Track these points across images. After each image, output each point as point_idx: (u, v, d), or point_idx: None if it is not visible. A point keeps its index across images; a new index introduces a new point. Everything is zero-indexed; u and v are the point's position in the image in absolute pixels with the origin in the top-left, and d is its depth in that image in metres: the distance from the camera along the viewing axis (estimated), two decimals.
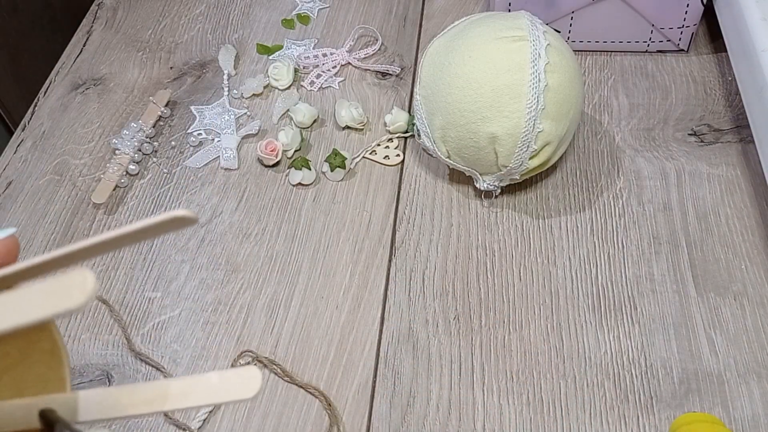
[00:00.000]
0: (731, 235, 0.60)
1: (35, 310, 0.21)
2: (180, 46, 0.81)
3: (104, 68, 0.79)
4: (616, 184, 0.64)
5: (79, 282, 0.21)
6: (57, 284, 0.21)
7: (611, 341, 0.55)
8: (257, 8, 0.84)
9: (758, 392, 0.52)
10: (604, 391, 0.53)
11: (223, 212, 0.66)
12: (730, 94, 0.70)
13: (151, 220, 0.23)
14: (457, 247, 0.61)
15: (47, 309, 0.21)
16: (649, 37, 0.73)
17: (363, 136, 0.70)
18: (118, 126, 0.73)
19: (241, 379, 0.26)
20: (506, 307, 0.58)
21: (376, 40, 0.79)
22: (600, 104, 0.71)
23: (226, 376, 0.26)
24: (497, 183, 0.61)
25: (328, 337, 0.57)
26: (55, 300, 0.21)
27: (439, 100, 0.59)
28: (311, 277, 0.60)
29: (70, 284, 0.21)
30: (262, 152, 0.67)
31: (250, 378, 0.26)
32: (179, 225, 0.23)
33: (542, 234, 0.62)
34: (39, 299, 0.21)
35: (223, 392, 0.26)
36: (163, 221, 0.23)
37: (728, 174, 0.64)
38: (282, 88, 0.75)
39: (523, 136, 0.56)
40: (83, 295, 0.20)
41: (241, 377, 0.26)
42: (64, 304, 0.21)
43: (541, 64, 0.56)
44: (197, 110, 0.74)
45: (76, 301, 0.20)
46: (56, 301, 0.21)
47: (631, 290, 0.58)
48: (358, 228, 0.63)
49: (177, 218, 0.23)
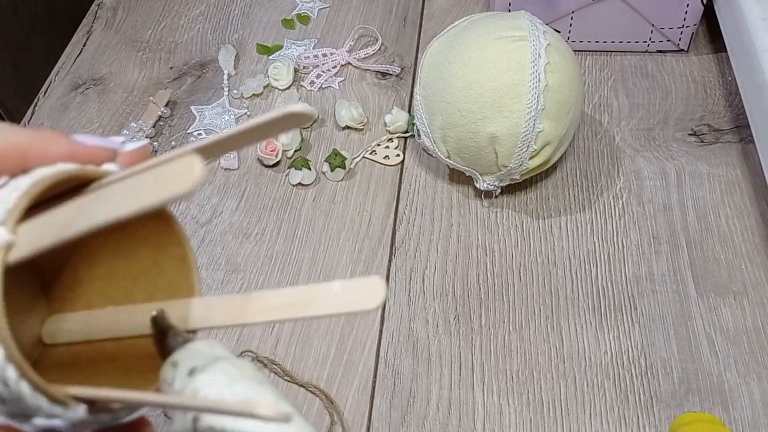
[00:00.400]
0: (731, 235, 0.60)
1: (146, 197, 0.21)
2: (180, 46, 0.81)
3: (104, 68, 0.79)
4: (616, 184, 0.64)
5: (186, 167, 0.21)
6: (166, 171, 0.21)
7: (611, 341, 0.55)
8: (257, 8, 0.84)
9: (758, 392, 0.52)
10: (604, 391, 0.53)
11: (223, 212, 0.66)
12: (730, 94, 0.70)
13: (266, 117, 0.23)
14: (457, 247, 0.61)
15: (157, 195, 0.21)
16: (649, 37, 0.73)
17: (363, 136, 0.70)
18: (118, 126, 0.73)
19: (364, 290, 0.25)
20: (506, 307, 0.58)
21: (376, 40, 0.79)
22: (600, 104, 0.71)
23: (350, 285, 0.25)
24: (497, 183, 0.61)
25: (328, 337, 0.57)
26: (165, 186, 0.21)
27: (439, 100, 0.59)
28: (311, 277, 0.60)
29: (179, 170, 0.21)
30: (262, 152, 0.67)
31: (374, 288, 0.25)
32: (295, 122, 0.23)
33: (542, 234, 0.62)
34: (149, 186, 0.21)
35: (346, 301, 0.25)
36: (279, 117, 0.23)
37: (728, 174, 0.64)
38: (282, 88, 0.75)
39: (523, 136, 0.56)
40: (191, 179, 0.20)
41: (365, 287, 0.25)
42: (173, 189, 0.20)
43: (541, 64, 0.56)
44: (197, 110, 0.74)
45: (185, 185, 0.20)
46: (166, 187, 0.21)
47: (631, 290, 0.58)
48: (358, 228, 0.63)
49: (293, 114, 0.22)
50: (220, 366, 0.25)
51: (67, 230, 0.22)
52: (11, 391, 0.24)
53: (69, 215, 0.23)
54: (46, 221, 0.24)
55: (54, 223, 0.23)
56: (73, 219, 0.23)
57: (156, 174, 0.22)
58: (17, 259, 0.23)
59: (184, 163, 0.21)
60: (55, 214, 0.24)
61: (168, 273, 0.29)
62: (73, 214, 0.23)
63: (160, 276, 0.30)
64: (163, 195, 0.21)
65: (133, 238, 0.30)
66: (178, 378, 0.25)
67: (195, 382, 0.24)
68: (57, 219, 0.23)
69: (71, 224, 0.22)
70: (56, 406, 0.24)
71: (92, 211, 0.22)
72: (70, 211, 0.23)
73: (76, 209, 0.23)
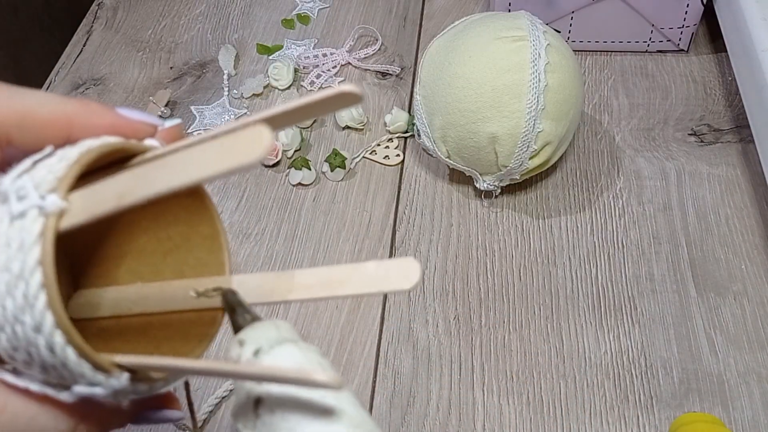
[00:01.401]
0: (731, 235, 0.60)
1: (213, 165, 0.21)
2: (180, 46, 0.81)
3: (104, 68, 0.79)
4: (616, 184, 0.64)
5: (256, 136, 0.20)
6: (234, 139, 0.21)
7: (611, 341, 0.55)
8: (257, 8, 0.84)
9: (758, 392, 0.52)
10: (604, 391, 0.53)
11: (223, 212, 0.66)
12: (730, 94, 0.70)
13: (321, 94, 0.23)
14: (457, 247, 0.61)
15: (225, 163, 0.21)
16: (649, 37, 0.73)
17: (363, 136, 0.70)
18: None
19: (399, 270, 0.25)
20: (506, 307, 0.58)
21: (376, 40, 0.79)
22: (600, 104, 0.71)
23: (384, 265, 0.26)
24: (497, 183, 0.61)
25: (328, 337, 0.57)
26: (233, 155, 0.21)
27: (439, 100, 0.59)
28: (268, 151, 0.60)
29: (247, 139, 0.21)
30: None
31: (409, 268, 0.25)
32: (347, 101, 0.23)
33: (542, 234, 0.62)
34: (215, 155, 0.21)
35: (380, 281, 0.25)
36: (333, 96, 0.23)
37: (728, 174, 0.64)
38: (282, 88, 0.75)
39: (523, 136, 0.56)
40: (259, 148, 0.20)
41: (399, 267, 0.25)
42: (241, 158, 0.20)
43: (541, 64, 0.56)
44: (197, 110, 0.74)
45: (253, 155, 0.20)
46: (234, 155, 0.21)
47: (631, 290, 0.58)
48: (358, 228, 0.63)
49: (344, 93, 0.23)
50: (285, 349, 0.25)
51: (126, 197, 0.22)
52: (56, 358, 0.24)
53: (127, 183, 0.23)
54: (99, 189, 0.23)
55: (110, 191, 0.23)
56: (133, 186, 0.23)
57: (223, 143, 0.21)
58: (70, 225, 0.23)
59: (253, 132, 0.21)
60: (109, 182, 0.23)
61: (198, 250, 0.29)
62: (131, 181, 0.23)
63: (189, 253, 0.30)
64: (231, 163, 0.20)
65: (166, 215, 0.30)
66: (244, 357, 0.25)
67: (259, 363, 0.24)
68: (113, 187, 0.23)
69: (131, 191, 0.22)
70: (99, 373, 0.24)
71: (154, 179, 0.22)
72: (128, 179, 0.23)
73: (133, 177, 0.23)
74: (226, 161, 0.21)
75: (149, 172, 0.23)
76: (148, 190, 0.22)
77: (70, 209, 0.23)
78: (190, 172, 0.21)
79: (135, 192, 0.22)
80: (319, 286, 0.26)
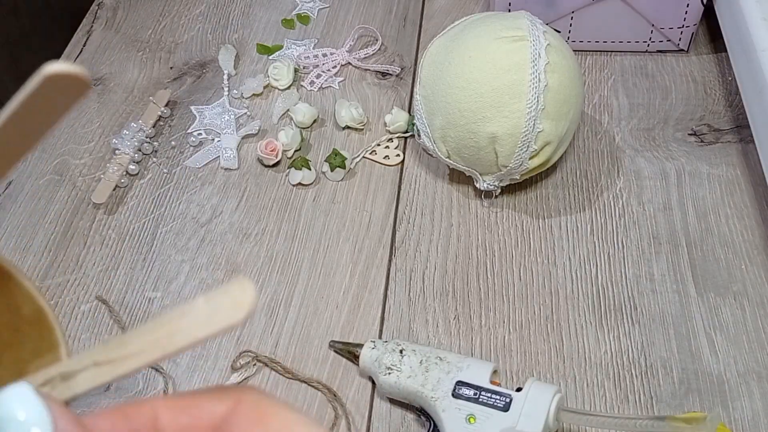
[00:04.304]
0: (731, 235, 0.60)
1: (199, 331, 0.21)
2: (180, 46, 0.81)
3: (104, 68, 0.79)
4: (616, 184, 0.64)
5: (239, 295, 0.21)
6: (218, 301, 0.21)
7: (611, 341, 0.55)
8: (257, 8, 0.84)
9: (758, 392, 0.52)
10: (604, 391, 0.53)
11: (223, 212, 0.66)
12: (730, 94, 0.70)
13: (20, 94, 0.19)
14: (457, 247, 0.61)
15: (216, 325, 0.21)
16: (649, 37, 0.73)
17: (363, 136, 0.70)
18: (118, 126, 0.73)
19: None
20: (506, 307, 0.58)
21: (376, 40, 0.79)
22: (600, 104, 0.71)
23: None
24: (497, 183, 0.61)
25: (328, 337, 0.57)
26: (218, 318, 0.21)
27: (439, 100, 0.59)
28: (311, 277, 0.60)
29: (231, 300, 0.21)
30: (262, 152, 0.67)
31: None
32: (65, 88, 0.19)
33: (542, 234, 0.62)
34: (202, 319, 0.21)
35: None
36: (38, 89, 0.19)
37: (728, 174, 0.64)
38: (282, 88, 0.75)
39: (523, 136, 0.56)
40: (243, 310, 0.21)
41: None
42: (226, 321, 0.21)
43: (541, 64, 0.56)
44: (197, 110, 0.74)
45: (238, 316, 0.21)
46: (219, 318, 0.21)
47: (631, 290, 0.58)
48: (358, 228, 0.63)
49: (53, 76, 0.18)
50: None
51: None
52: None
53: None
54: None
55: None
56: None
57: (209, 307, 0.22)
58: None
59: (236, 289, 0.21)
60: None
61: (29, 340, 0.27)
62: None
63: (22, 346, 0.27)
64: (216, 327, 0.21)
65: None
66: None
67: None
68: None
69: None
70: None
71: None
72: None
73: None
74: (213, 325, 0.21)
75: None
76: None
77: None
78: (180, 340, 0.22)
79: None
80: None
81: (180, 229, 0.65)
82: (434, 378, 0.49)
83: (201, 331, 0.21)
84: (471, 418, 0.47)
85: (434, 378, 0.49)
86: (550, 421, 0.46)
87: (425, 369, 0.50)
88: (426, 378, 0.50)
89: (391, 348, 0.52)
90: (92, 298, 0.60)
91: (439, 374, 0.49)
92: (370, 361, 0.52)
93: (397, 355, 0.51)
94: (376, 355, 0.52)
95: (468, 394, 0.48)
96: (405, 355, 0.51)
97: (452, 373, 0.49)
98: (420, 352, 0.51)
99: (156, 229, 0.65)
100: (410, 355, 0.51)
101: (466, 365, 0.49)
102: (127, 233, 0.65)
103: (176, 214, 0.66)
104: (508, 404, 0.47)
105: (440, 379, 0.49)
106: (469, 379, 0.49)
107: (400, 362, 0.51)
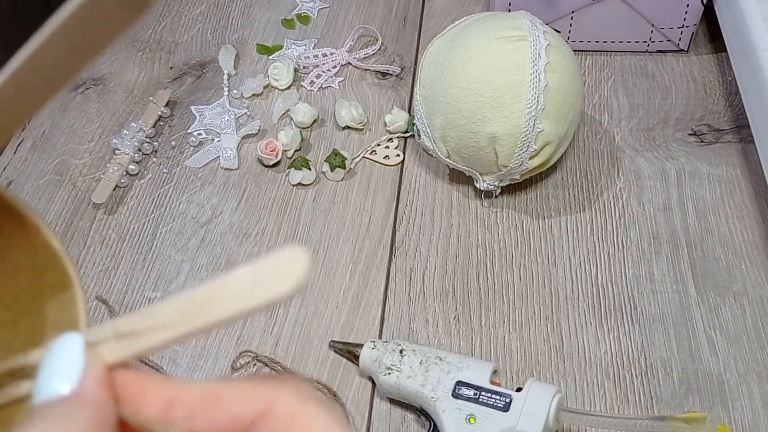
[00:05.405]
0: (731, 235, 0.60)
1: (237, 304, 0.20)
2: (180, 46, 0.81)
3: (104, 68, 0.79)
4: (616, 184, 0.64)
5: (291, 262, 0.19)
6: (264, 270, 0.20)
7: (611, 341, 0.55)
8: (257, 8, 0.84)
9: (758, 392, 0.52)
10: (604, 391, 0.53)
11: (223, 212, 0.66)
12: (730, 94, 0.70)
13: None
14: (457, 247, 0.61)
15: (259, 297, 0.19)
16: (649, 37, 0.73)
17: (363, 136, 0.70)
18: (118, 126, 0.73)
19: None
20: (506, 307, 0.58)
21: (376, 40, 0.79)
22: (600, 104, 0.71)
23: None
24: (497, 183, 0.61)
25: (328, 337, 0.57)
26: (261, 289, 0.19)
27: (439, 100, 0.59)
28: (311, 277, 0.60)
29: (282, 267, 0.19)
30: (262, 152, 0.67)
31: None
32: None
33: (542, 234, 0.62)
34: (250, 286, 0.20)
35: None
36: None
37: (728, 174, 0.64)
38: (282, 88, 0.75)
39: (523, 136, 0.56)
40: (292, 281, 0.19)
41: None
42: (271, 293, 0.19)
43: (541, 64, 0.56)
44: (197, 110, 0.74)
45: (285, 288, 0.19)
46: (262, 290, 0.19)
47: (631, 290, 0.58)
48: (358, 228, 0.63)
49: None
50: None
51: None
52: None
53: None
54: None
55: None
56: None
57: (258, 272, 0.20)
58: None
59: (288, 257, 0.20)
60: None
61: (50, 310, 0.25)
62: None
63: (42, 317, 0.25)
64: (266, 297, 0.19)
65: (5, 269, 0.26)
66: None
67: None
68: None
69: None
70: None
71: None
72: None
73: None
74: (261, 294, 0.19)
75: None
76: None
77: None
78: (225, 308, 0.20)
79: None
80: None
81: (180, 229, 0.65)
82: (434, 378, 0.49)
83: (239, 304, 0.19)
84: (471, 418, 0.47)
85: (434, 378, 0.49)
86: (550, 421, 0.46)
87: (425, 369, 0.50)
88: (426, 378, 0.50)
89: (391, 348, 0.52)
90: (92, 298, 0.60)
91: (439, 374, 0.49)
92: (370, 361, 0.52)
93: (397, 355, 0.51)
94: (376, 355, 0.52)
95: (468, 394, 0.48)
96: (405, 355, 0.51)
97: (452, 373, 0.49)
98: (420, 352, 0.51)
99: (156, 229, 0.65)
100: (410, 355, 0.51)
101: (466, 365, 0.49)
102: (127, 233, 0.65)
103: (176, 214, 0.66)
104: (508, 404, 0.47)
105: (440, 379, 0.49)
106: (469, 379, 0.49)
107: (400, 362, 0.51)
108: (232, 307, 0.20)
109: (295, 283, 0.19)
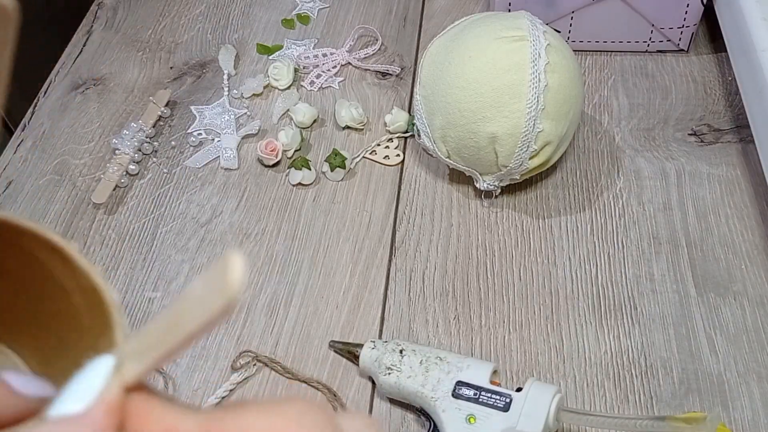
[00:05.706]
0: (731, 235, 0.60)
1: (192, 320, 0.19)
2: (180, 46, 0.81)
3: (104, 68, 0.79)
4: (616, 184, 0.64)
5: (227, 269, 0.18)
6: (209, 282, 0.19)
7: (611, 341, 0.55)
8: (257, 8, 0.84)
9: (758, 392, 0.52)
10: (604, 391, 0.53)
11: (223, 212, 0.66)
12: (730, 94, 0.70)
13: None
14: (457, 247, 0.61)
15: (202, 316, 0.19)
16: (649, 37, 0.73)
17: (363, 136, 0.70)
18: (118, 126, 0.73)
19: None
20: (506, 307, 0.58)
21: (376, 40, 0.79)
22: (600, 104, 0.71)
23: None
24: (497, 183, 0.61)
25: (328, 337, 0.57)
26: (209, 302, 0.19)
27: (439, 100, 0.59)
28: (311, 277, 0.60)
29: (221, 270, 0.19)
30: (262, 152, 0.67)
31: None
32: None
33: (542, 234, 0.62)
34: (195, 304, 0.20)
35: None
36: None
37: (728, 174, 0.64)
38: (282, 88, 0.75)
39: (523, 136, 0.56)
40: (229, 290, 0.18)
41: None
42: (217, 304, 0.19)
43: (541, 64, 0.56)
44: (197, 110, 0.74)
45: (225, 297, 0.18)
46: (210, 303, 0.19)
47: (631, 290, 0.58)
48: (358, 228, 0.63)
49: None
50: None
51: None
52: None
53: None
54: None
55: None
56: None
57: (200, 290, 0.20)
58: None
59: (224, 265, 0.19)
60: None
61: (87, 336, 0.26)
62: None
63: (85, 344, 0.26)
64: (210, 314, 0.19)
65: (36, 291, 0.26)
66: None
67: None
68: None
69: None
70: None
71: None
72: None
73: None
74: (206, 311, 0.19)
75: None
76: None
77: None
78: (179, 332, 0.20)
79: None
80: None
81: (180, 229, 0.65)
82: (434, 378, 0.49)
83: (194, 320, 0.19)
84: (471, 418, 0.47)
85: (434, 378, 0.49)
86: (550, 421, 0.46)
87: (425, 369, 0.50)
88: (426, 378, 0.50)
89: (391, 348, 0.52)
90: None
91: (439, 374, 0.49)
92: (370, 361, 0.52)
93: (397, 355, 0.51)
94: (376, 355, 0.52)
95: (468, 394, 0.48)
96: (405, 355, 0.51)
97: (452, 373, 0.49)
98: (420, 352, 0.51)
99: (156, 229, 0.65)
100: (410, 355, 0.51)
101: (466, 365, 0.49)
102: (127, 233, 0.65)
103: (176, 214, 0.66)
104: (508, 404, 0.47)
105: (440, 379, 0.49)
106: (469, 379, 0.49)
107: (400, 362, 0.51)
108: (189, 326, 0.20)
109: (232, 291, 0.18)
